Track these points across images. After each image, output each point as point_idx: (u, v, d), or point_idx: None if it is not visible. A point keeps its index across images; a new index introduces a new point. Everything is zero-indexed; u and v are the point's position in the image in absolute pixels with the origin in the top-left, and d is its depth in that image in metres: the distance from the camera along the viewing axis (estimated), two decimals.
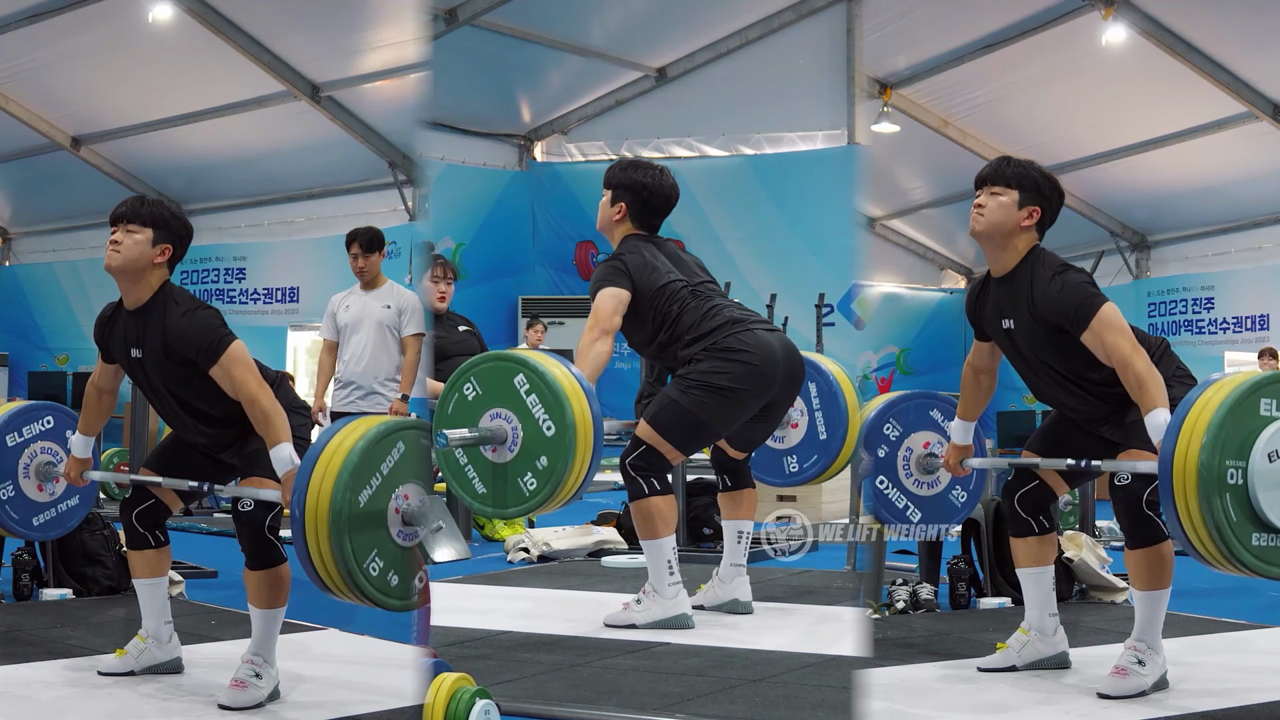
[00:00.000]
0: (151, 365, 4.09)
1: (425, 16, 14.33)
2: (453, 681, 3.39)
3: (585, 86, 17.10)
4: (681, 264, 5.17)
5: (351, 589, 3.66)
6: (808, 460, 5.83)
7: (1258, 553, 3.70)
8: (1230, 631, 5.15)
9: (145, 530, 4.20)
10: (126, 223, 4.10)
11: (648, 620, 4.94)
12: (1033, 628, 4.36)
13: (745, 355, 4.91)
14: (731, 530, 5.36)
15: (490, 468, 4.36)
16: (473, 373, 4.42)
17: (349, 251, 7.18)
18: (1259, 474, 3.64)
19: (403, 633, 5.06)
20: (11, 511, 4.85)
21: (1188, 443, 3.65)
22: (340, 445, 3.66)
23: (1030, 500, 4.34)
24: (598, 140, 17.53)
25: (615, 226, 5.21)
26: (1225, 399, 3.66)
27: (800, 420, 5.84)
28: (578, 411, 4.29)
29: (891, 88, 15.29)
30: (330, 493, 3.60)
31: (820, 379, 5.78)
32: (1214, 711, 3.86)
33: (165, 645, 4.28)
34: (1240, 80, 13.55)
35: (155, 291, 4.10)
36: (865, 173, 15.81)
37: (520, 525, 7.70)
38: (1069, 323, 4.04)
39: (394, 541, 3.73)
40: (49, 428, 4.94)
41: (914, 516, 5.28)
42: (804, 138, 16.15)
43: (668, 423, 4.95)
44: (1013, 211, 4.16)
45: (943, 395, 5.23)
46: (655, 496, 4.94)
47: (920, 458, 5.16)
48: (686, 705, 3.83)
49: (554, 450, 4.27)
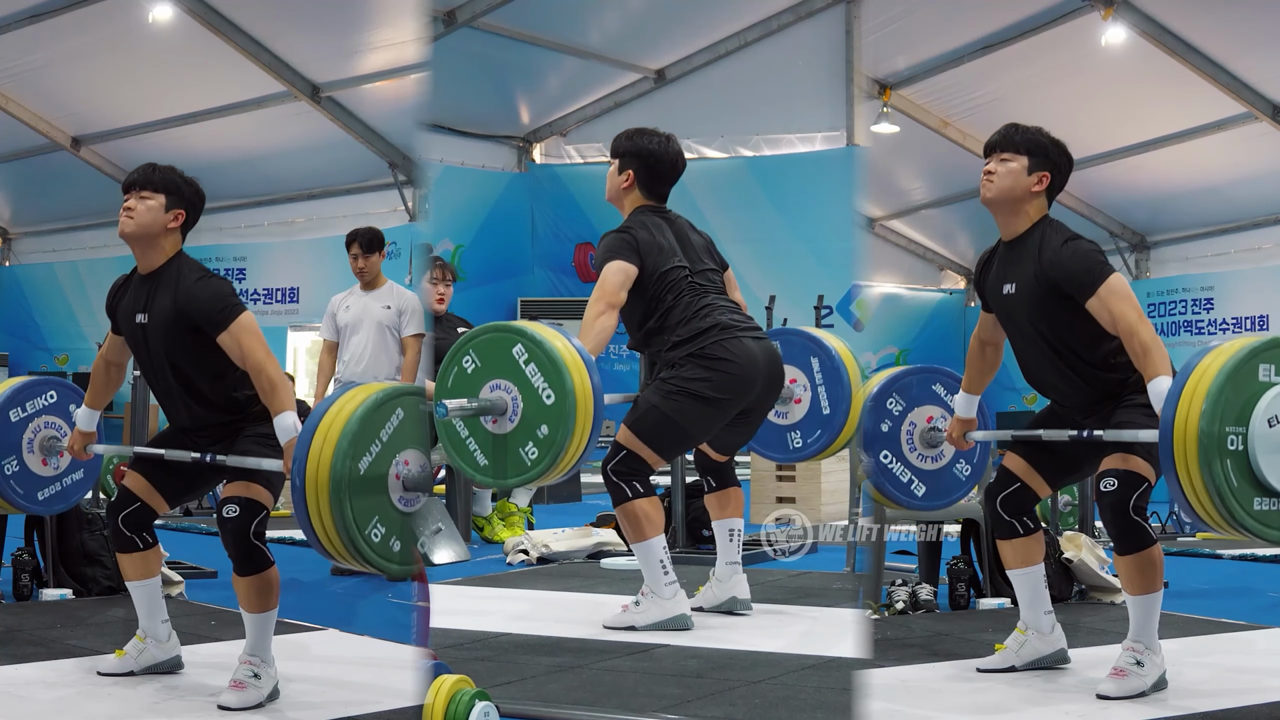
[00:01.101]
0: (156, 331, 4.07)
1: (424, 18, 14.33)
2: (452, 683, 3.39)
3: (584, 88, 17.09)
4: (688, 246, 5.15)
5: (353, 555, 3.69)
6: (811, 435, 5.83)
7: (1259, 516, 3.72)
8: (1230, 632, 5.15)
9: (132, 533, 4.19)
10: (139, 189, 4.14)
11: (646, 622, 4.94)
12: (1029, 627, 4.36)
13: (728, 365, 4.93)
14: (722, 530, 5.36)
15: (491, 439, 4.36)
16: (471, 345, 4.42)
17: (349, 252, 7.18)
18: (1259, 438, 3.67)
19: (403, 633, 5.06)
20: (16, 486, 4.85)
21: (1188, 409, 3.67)
22: (340, 413, 3.68)
23: (1012, 503, 4.33)
24: (597, 142, 17.51)
25: (624, 195, 5.21)
26: (1224, 365, 3.69)
27: (803, 396, 5.85)
28: (577, 380, 4.30)
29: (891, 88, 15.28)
30: (330, 460, 3.62)
31: (822, 354, 5.79)
32: (1214, 712, 3.86)
33: (164, 644, 4.28)
34: (1240, 81, 13.54)
35: (169, 258, 4.13)
36: (864, 174, 15.82)
37: (520, 527, 7.70)
38: (1076, 287, 4.04)
39: (395, 507, 3.75)
40: (52, 402, 4.94)
41: (918, 491, 5.28)
42: (803, 139, 16.16)
43: (649, 428, 4.96)
44: (1022, 177, 4.18)
45: (945, 370, 5.24)
46: (639, 499, 4.95)
47: (924, 432, 5.17)
48: (686, 707, 3.83)
49: (554, 418, 4.27)
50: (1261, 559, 7.73)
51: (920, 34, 14.37)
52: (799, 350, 5.83)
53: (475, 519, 7.75)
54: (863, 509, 5.79)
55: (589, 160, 17.54)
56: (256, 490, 4.00)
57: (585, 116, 17.49)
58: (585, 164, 17.53)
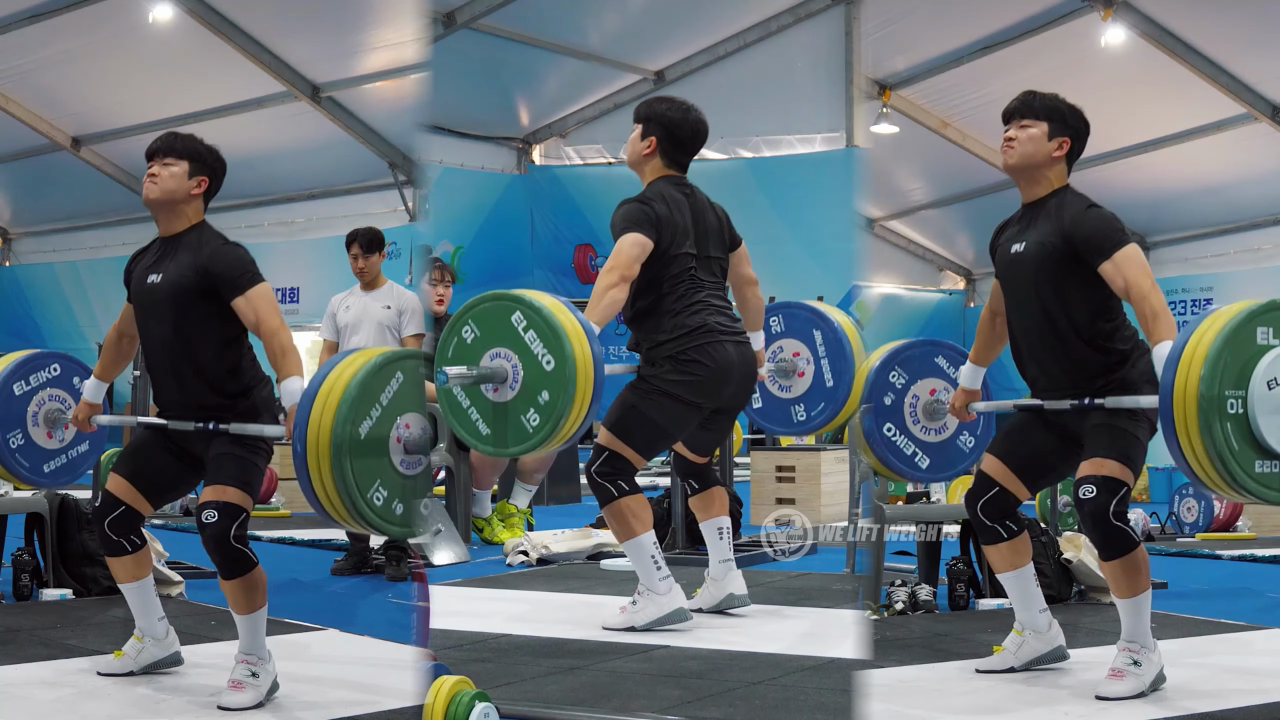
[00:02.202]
0: (167, 290, 4.06)
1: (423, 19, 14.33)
2: (452, 684, 3.39)
3: (583, 90, 17.10)
4: (702, 228, 5.12)
5: (355, 518, 3.72)
6: (815, 408, 5.84)
7: (1261, 479, 3.74)
8: (1229, 633, 5.15)
9: (119, 537, 4.19)
10: (163, 156, 4.17)
11: (645, 620, 4.94)
12: (1026, 627, 4.36)
13: (703, 369, 4.95)
14: (711, 529, 5.36)
15: (492, 408, 4.36)
16: (470, 315, 4.42)
17: (349, 252, 7.18)
18: (1259, 400, 3.68)
19: (403, 633, 5.07)
20: (22, 459, 4.85)
21: (1187, 373, 3.69)
22: (340, 377, 3.70)
23: (993, 508, 4.32)
24: (596, 143, 17.53)
25: (645, 161, 5.19)
26: (1222, 329, 3.70)
27: (806, 369, 5.86)
28: (577, 346, 4.29)
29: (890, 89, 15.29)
30: (331, 424, 3.64)
31: (825, 327, 5.79)
32: (1213, 713, 3.86)
33: (162, 641, 4.27)
34: (1239, 81, 13.55)
35: (192, 225, 4.16)
36: (864, 175, 15.82)
37: (519, 529, 7.70)
38: (1092, 248, 4.04)
39: (397, 470, 3.77)
40: (56, 375, 4.94)
41: (922, 463, 5.29)
42: (802, 140, 16.17)
43: (630, 428, 4.98)
44: (1043, 143, 4.20)
45: (948, 343, 5.25)
46: (625, 497, 4.96)
47: (927, 404, 5.17)
48: (685, 708, 3.83)
49: (555, 384, 4.27)
50: (1261, 560, 7.74)
51: (920, 35, 14.39)
52: (801, 323, 5.83)
53: (475, 520, 7.75)
54: (862, 510, 5.80)
55: (588, 162, 17.55)
56: (233, 494, 3.98)
57: (585, 118, 17.50)
58: (585, 165, 17.54)
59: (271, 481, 9.94)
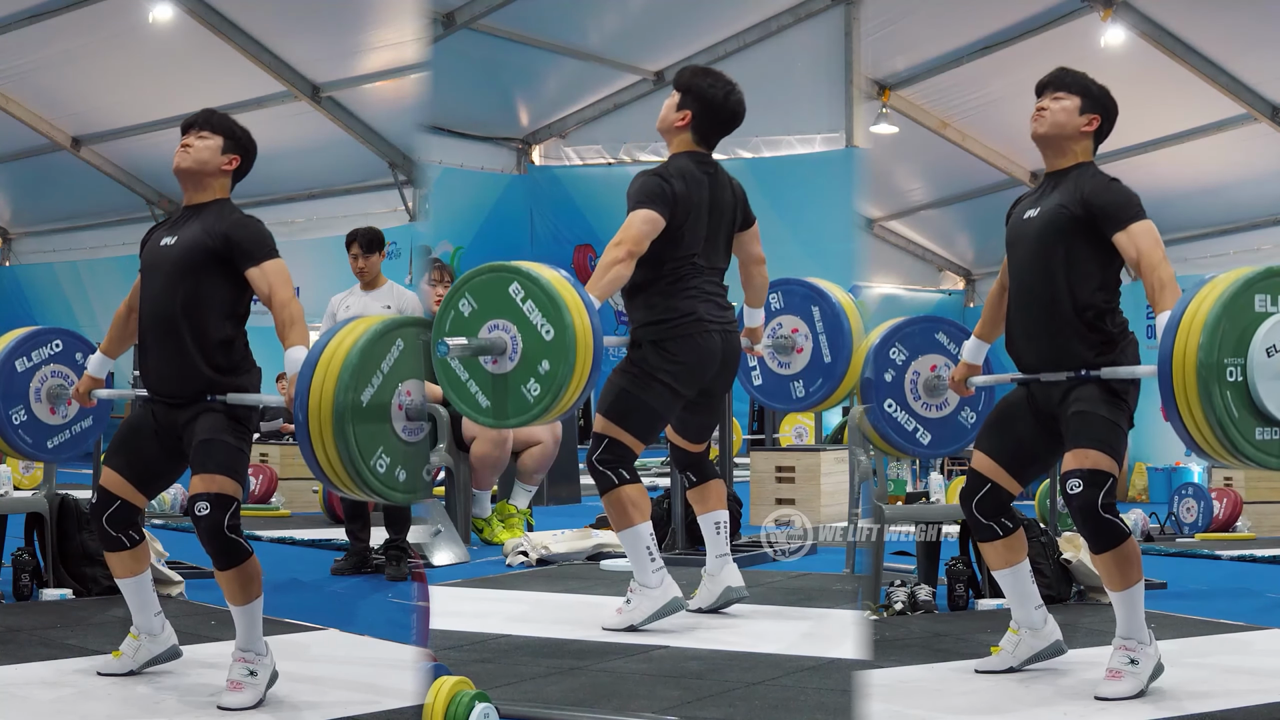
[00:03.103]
0: (180, 249, 4.07)
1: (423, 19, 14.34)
2: (452, 685, 3.39)
3: (583, 90, 17.09)
4: (717, 211, 5.10)
5: (359, 485, 3.74)
6: (813, 384, 5.84)
7: (1261, 446, 3.76)
8: (1229, 633, 5.16)
9: (118, 533, 4.19)
10: (199, 129, 4.21)
11: (643, 617, 4.94)
12: (1022, 626, 4.37)
13: (686, 357, 4.96)
14: (708, 524, 5.35)
15: (491, 380, 4.35)
16: (467, 287, 4.41)
17: (349, 252, 7.18)
18: (1258, 367, 3.70)
19: (402, 633, 5.07)
20: (25, 435, 4.86)
21: (1185, 341, 3.70)
22: (340, 345, 3.71)
23: (987, 505, 4.33)
24: (596, 144, 17.53)
25: (675, 133, 5.14)
26: (1220, 296, 3.72)
27: (805, 345, 5.86)
28: (576, 315, 4.29)
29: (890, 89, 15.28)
30: (332, 393, 3.66)
31: (823, 303, 5.79)
32: (1212, 713, 3.87)
33: (158, 637, 4.27)
34: (1239, 82, 13.55)
35: (217, 198, 4.18)
36: (864, 176, 15.82)
37: (519, 529, 7.70)
38: (1109, 217, 4.07)
39: (399, 437, 3.79)
40: (58, 351, 4.94)
41: (924, 439, 5.29)
42: (802, 140, 16.16)
43: (626, 413, 4.98)
44: (1074, 116, 4.25)
45: (948, 319, 5.26)
46: (625, 486, 4.96)
47: (927, 380, 5.17)
48: (685, 708, 3.83)
49: (555, 353, 4.26)
50: (1260, 560, 7.74)
51: (919, 35, 14.38)
52: (800, 299, 5.82)
53: (475, 521, 7.75)
54: (862, 510, 5.80)
55: (588, 162, 17.55)
56: (223, 483, 3.98)
57: (584, 118, 17.49)
58: (585, 166, 17.54)
59: (272, 481, 9.94)
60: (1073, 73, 4.32)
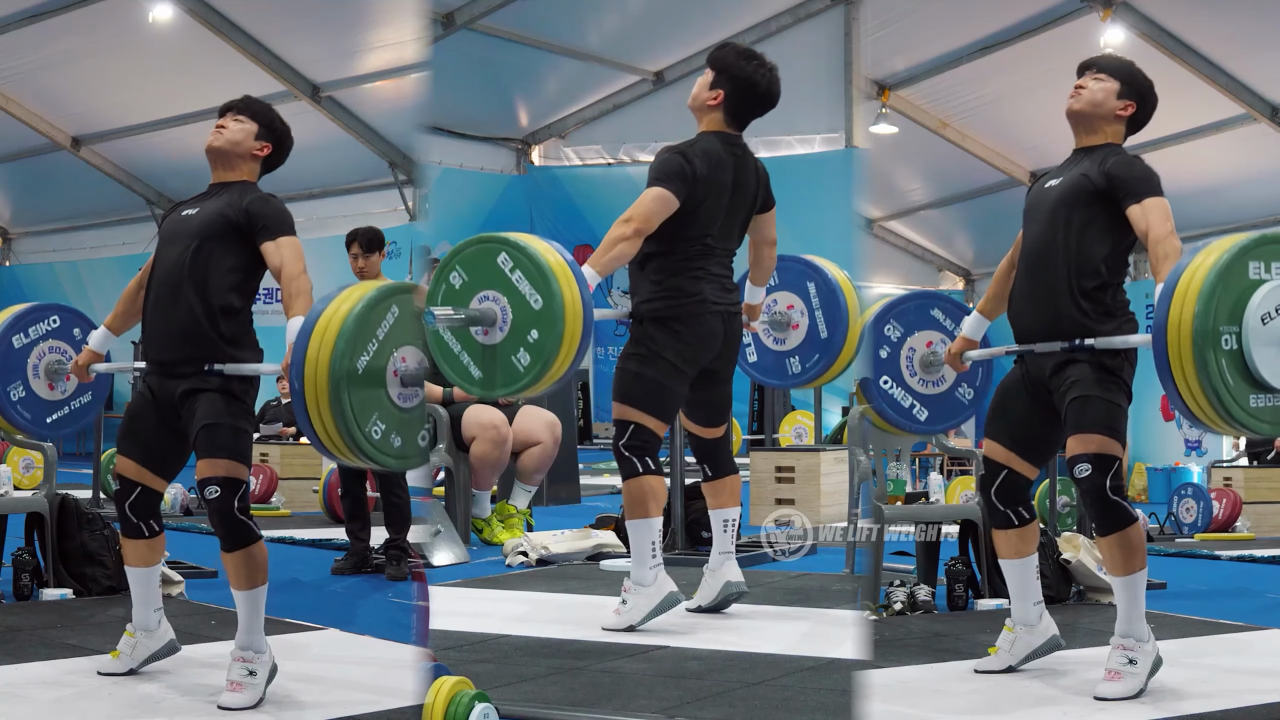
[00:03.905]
0: (200, 221, 4.09)
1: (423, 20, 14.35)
2: (452, 685, 3.39)
3: (583, 90, 17.10)
4: (739, 193, 5.08)
5: (354, 452, 3.75)
6: (810, 360, 5.84)
7: (1256, 413, 3.75)
8: (1228, 633, 5.16)
9: (139, 520, 4.21)
10: (236, 112, 4.26)
11: (642, 615, 4.93)
12: (1018, 622, 4.37)
13: (689, 337, 4.96)
14: (717, 520, 5.34)
15: (482, 350, 4.35)
16: (457, 260, 4.41)
17: (349, 251, 7.19)
18: (1253, 335, 3.70)
19: (402, 633, 5.07)
20: (23, 411, 4.86)
21: (1180, 309, 3.70)
22: (335, 313, 3.72)
23: (1006, 492, 4.34)
24: (595, 144, 17.54)
25: (706, 111, 5.11)
26: (1215, 264, 3.72)
27: (801, 321, 5.86)
28: (564, 285, 4.28)
29: (890, 89, 15.30)
30: (328, 360, 3.66)
31: (819, 279, 5.79)
32: (1211, 713, 3.87)
33: (155, 633, 4.27)
34: (1238, 82, 13.57)
35: (244, 180, 4.21)
36: (863, 176, 15.82)
37: (519, 529, 7.70)
38: (1127, 190, 4.09)
39: (394, 403, 3.80)
40: (55, 327, 4.94)
41: (920, 415, 5.29)
42: (802, 141, 16.17)
43: (644, 396, 4.98)
44: (1111, 97, 4.28)
45: (943, 295, 5.24)
46: (649, 475, 4.96)
47: (923, 356, 5.17)
48: (685, 708, 3.83)
49: (544, 322, 4.26)
50: (1259, 560, 7.75)
51: (919, 35, 14.39)
52: (795, 276, 5.82)
53: (474, 521, 7.76)
54: (861, 510, 5.80)
55: (588, 162, 17.55)
56: (231, 466, 3.99)
57: (584, 119, 17.50)
58: (584, 166, 17.54)
59: (272, 481, 9.95)
60: (1117, 58, 4.39)
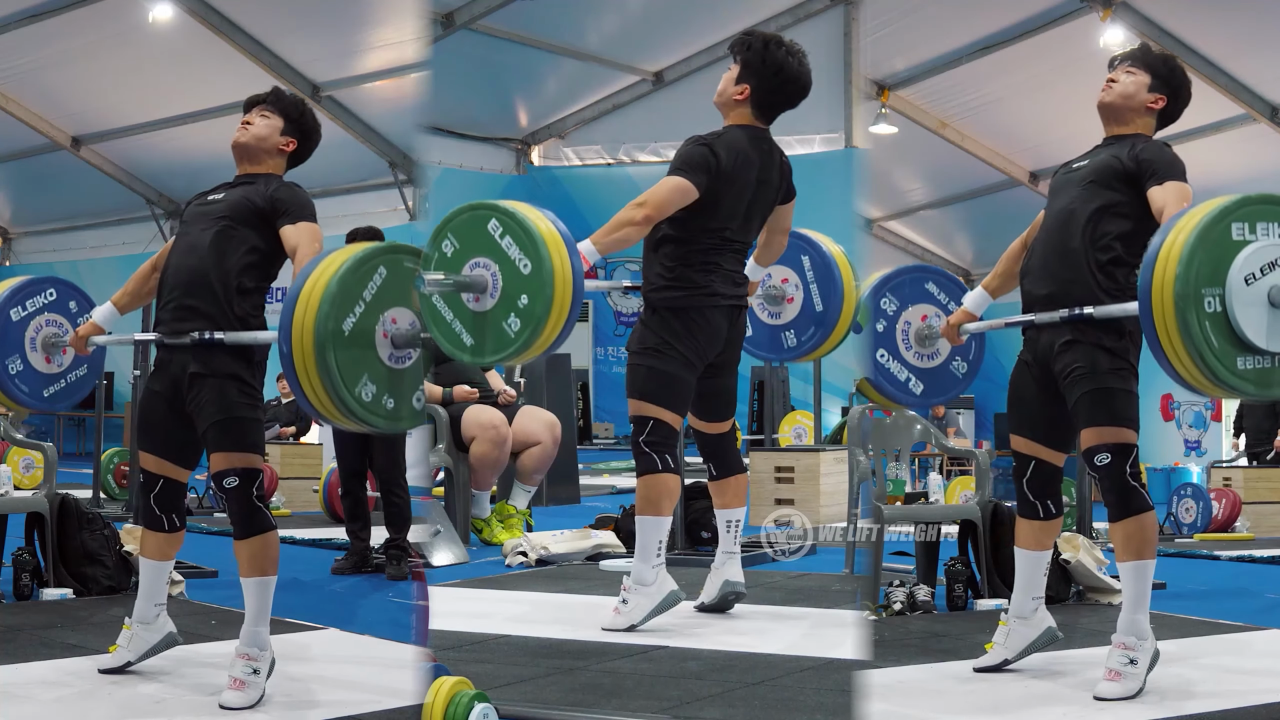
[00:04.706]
0: (224, 205, 4.11)
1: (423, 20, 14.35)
2: (451, 685, 3.39)
3: (582, 91, 17.11)
4: (763, 189, 5.06)
5: (343, 413, 3.75)
6: (805, 333, 5.84)
7: (1244, 375, 3.74)
8: (1228, 634, 5.16)
9: (163, 512, 4.22)
10: (263, 107, 4.27)
11: (643, 615, 4.93)
12: (1014, 615, 4.38)
13: (698, 330, 4.97)
14: (720, 520, 5.34)
15: (473, 317, 4.36)
16: (449, 227, 4.41)
17: None
18: (1236, 295, 3.68)
19: (402, 632, 5.07)
20: (21, 384, 4.85)
21: (1163, 273, 3.69)
22: (320, 277, 3.72)
23: (1036, 481, 4.35)
24: (595, 144, 17.54)
25: (733, 108, 5.09)
26: (1195, 226, 3.70)
27: (795, 295, 5.85)
28: (553, 250, 4.27)
29: (889, 89, 15.30)
30: (313, 324, 3.66)
31: (813, 251, 5.79)
32: (1211, 713, 3.87)
33: (152, 625, 4.27)
34: (1238, 82, 13.57)
35: (269, 172, 4.22)
36: (863, 176, 15.83)
37: (518, 529, 7.71)
38: (1151, 170, 4.11)
39: (385, 364, 3.80)
40: (52, 300, 4.94)
41: (916, 388, 5.28)
42: (801, 141, 16.17)
43: (659, 390, 4.99)
44: (1143, 90, 4.31)
45: (937, 269, 5.24)
46: (665, 473, 4.98)
47: (919, 330, 5.17)
48: (685, 708, 3.83)
49: (533, 287, 4.26)
50: (1259, 560, 7.75)
51: (918, 35, 14.40)
52: (789, 250, 5.81)
53: (474, 521, 7.76)
54: (861, 510, 5.80)
55: (587, 163, 17.55)
56: (247, 458, 4.02)
57: (584, 119, 17.50)
58: (584, 166, 17.54)
59: (272, 481, 9.96)
60: (1152, 52, 4.40)
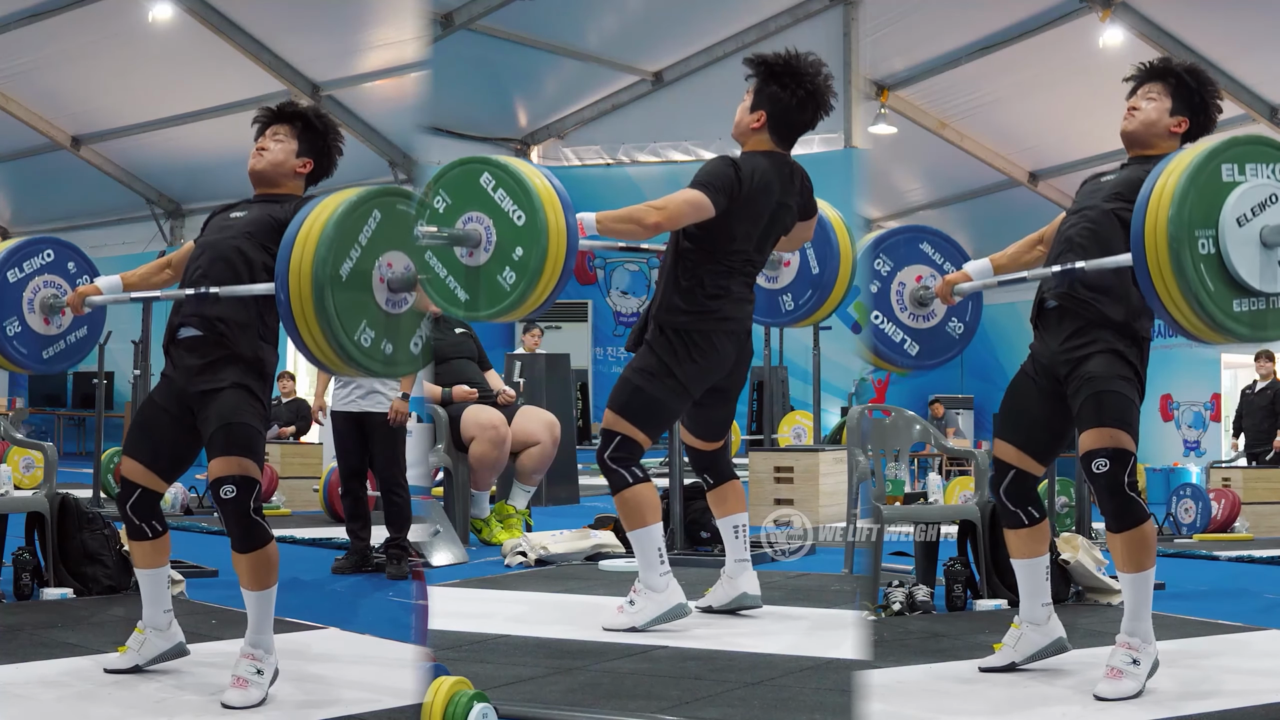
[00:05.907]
0: (247, 219, 4.12)
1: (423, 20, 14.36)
2: (451, 684, 3.39)
3: (582, 91, 17.11)
4: (782, 213, 5.08)
5: (343, 359, 3.74)
6: (802, 297, 5.83)
7: (1239, 318, 3.73)
8: (1227, 634, 5.16)
9: (141, 521, 4.21)
10: (276, 126, 4.25)
11: (647, 620, 4.93)
12: (1024, 621, 4.37)
13: (703, 357, 4.96)
14: (726, 527, 5.34)
15: (466, 272, 4.33)
16: (440, 184, 4.40)
17: None
18: (1230, 236, 3.68)
19: (402, 632, 5.08)
20: (19, 346, 4.86)
21: (1155, 216, 3.68)
22: (315, 221, 3.70)
23: (1014, 491, 4.34)
24: (594, 144, 17.54)
25: (750, 135, 5.09)
26: (1185, 168, 3.70)
27: (792, 259, 5.85)
28: (547, 202, 4.26)
29: (889, 89, 15.31)
30: (310, 268, 3.65)
31: None
32: (1211, 713, 3.87)
33: (165, 632, 4.28)
34: (1238, 83, 13.57)
35: (289, 193, 4.22)
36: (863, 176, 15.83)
37: (518, 529, 7.71)
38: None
39: (381, 309, 3.79)
40: (49, 261, 4.94)
41: (911, 350, 5.26)
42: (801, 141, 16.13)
43: (638, 410, 4.98)
44: (1165, 116, 4.33)
45: (932, 229, 5.24)
46: (639, 485, 4.96)
47: (914, 291, 5.17)
48: (685, 708, 3.83)
49: (527, 239, 4.23)
50: (1258, 560, 7.76)
51: (918, 35, 14.40)
52: None
53: (473, 521, 7.77)
54: (860, 510, 5.80)
55: (587, 163, 17.55)
56: (246, 465, 4.01)
57: (583, 119, 17.50)
58: (583, 166, 17.54)
59: (272, 481, 9.96)
60: (1174, 70, 4.40)
